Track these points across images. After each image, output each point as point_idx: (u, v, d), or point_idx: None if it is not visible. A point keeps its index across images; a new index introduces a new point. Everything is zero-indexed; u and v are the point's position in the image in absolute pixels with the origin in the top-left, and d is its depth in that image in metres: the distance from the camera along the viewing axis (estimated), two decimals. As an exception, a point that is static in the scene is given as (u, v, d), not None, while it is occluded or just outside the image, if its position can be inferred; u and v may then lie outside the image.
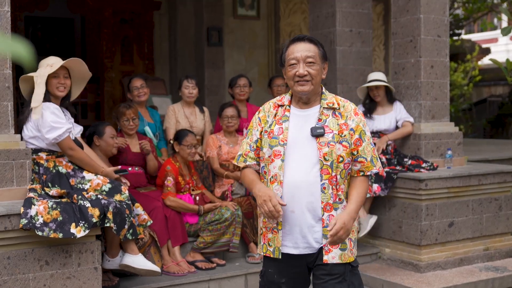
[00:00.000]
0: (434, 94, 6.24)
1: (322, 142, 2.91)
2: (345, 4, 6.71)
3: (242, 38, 10.05)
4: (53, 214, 4.03)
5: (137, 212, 4.68)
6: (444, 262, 5.83)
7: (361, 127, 2.99)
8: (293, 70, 2.96)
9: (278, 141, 2.97)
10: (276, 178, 2.97)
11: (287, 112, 3.04)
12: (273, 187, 2.97)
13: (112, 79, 9.47)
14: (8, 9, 4.26)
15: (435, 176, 5.76)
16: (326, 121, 2.96)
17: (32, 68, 4.41)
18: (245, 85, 6.42)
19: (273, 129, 3.01)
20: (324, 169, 2.91)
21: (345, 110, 3.00)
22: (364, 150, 2.98)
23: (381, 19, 11.37)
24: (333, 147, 2.91)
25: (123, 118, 5.39)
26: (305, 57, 2.94)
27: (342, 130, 2.94)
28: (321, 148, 2.91)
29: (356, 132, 2.97)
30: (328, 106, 2.99)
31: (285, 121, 3.01)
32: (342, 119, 2.97)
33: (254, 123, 3.12)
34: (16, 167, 4.21)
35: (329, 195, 2.93)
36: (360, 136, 2.98)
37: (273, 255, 3.05)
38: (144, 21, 9.59)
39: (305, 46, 2.97)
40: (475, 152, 7.89)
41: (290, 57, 2.98)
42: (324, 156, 2.90)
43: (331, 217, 2.93)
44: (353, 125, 2.97)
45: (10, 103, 4.26)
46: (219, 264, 5.41)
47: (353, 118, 2.98)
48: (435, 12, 6.18)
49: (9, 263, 3.99)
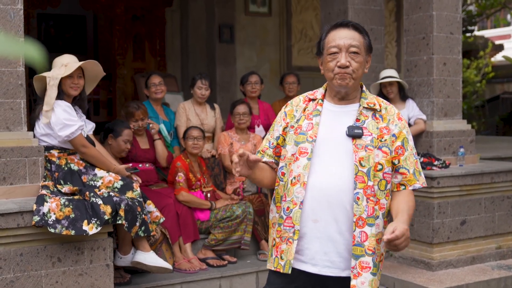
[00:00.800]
0: (446, 92, 6.20)
1: (359, 144, 2.50)
2: (357, 1, 6.68)
3: (254, 35, 10.03)
4: (66, 211, 4.05)
5: (149, 209, 4.70)
6: (456, 260, 5.81)
7: (405, 134, 2.59)
8: (334, 60, 2.54)
9: (306, 137, 2.56)
10: (299, 179, 2.53)
11: (319, 106, 2.63)
12: (294, 190, 2.53)
13: (124, 76, 9.50)
14: (21, 7, 4.28)
15: (447, 174, 5.74)
16: (365, 122, 2.56)
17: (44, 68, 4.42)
18: (256, 82, 6.42)
19: (301, 125, 2.60)
20: (359, 175, 2.48)
21: (388, 113, 2.61)
22: (406, 161, 2.57)
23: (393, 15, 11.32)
24: (371, 152, 2.49)
25: (132, 119, 5.40)
26: (349, 45, 2.52)
27: (383, 135, 2.54)
28: (357, 151, 2.49)
29: (399, 139, 2.57)
30: (369, 106, 2.60)
31: (316, 116, 2.60)
32: (383, 122, 2.57)
33: (278, 117, 2.73)
34: (28, 164, 4.24)
35: (363, 208, 2.48)
36: (402, 144, 2.57)
37: (283, 269, 2.58)
38: (155, 17, 9.60)
39: (349, 33, 2.55)
40: (488, 150, 7.84)
41: (331, 45, 2.55)
42: (360, 160, 2.48)
43: (363, 234, 2.48)
44: (395, 130, 2.57)
45: (23, 100, 4.28)
46: (231, 261, 5.42)
47: (396, 123, 2.59)
48: (447, 9, 6.15)
49: (21, 260, 4.01)
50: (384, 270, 5.65)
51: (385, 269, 5.69)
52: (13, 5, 4.23)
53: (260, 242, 5.64)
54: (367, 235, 2.48)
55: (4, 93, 4.20)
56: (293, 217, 2.53)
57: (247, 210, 5.43)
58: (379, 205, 2.51)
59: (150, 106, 5.90)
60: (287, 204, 2.56)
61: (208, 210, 5.41)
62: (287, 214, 2.56)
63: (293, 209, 2.53)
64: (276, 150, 2.69)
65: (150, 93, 5.94)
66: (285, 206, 2.57)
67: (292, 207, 2.53)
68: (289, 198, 2.56)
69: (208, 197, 5.51)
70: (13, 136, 4.21)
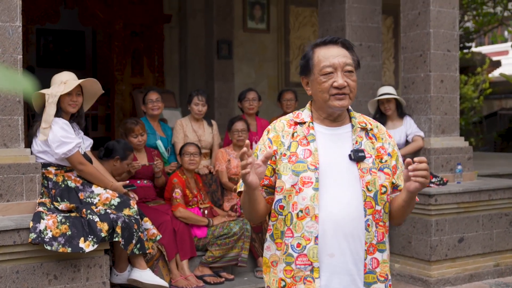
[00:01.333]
0: (444, 109, 6.22)
1: (364, 168, 2.37)
2: (354, 18, 6.72)
3: (252, 51, 10.08)
4: (62, 228, 4.04)
5: (146, 226, 4.69)
6: (454, 278, 5.79)
7: (396, 152, 2.51)
8: (329, 80, 2.37)
9: (306, 165, 2.35)
10: (309, 212, 2.33)
11: (312, 130, 2.43)
12: (303, 225, 2.34)
13: (123, 91, 9.52)
14: (20, 24, 4.30)
15: (445, 191, 5.73)
16: (361, 143, 2.43)
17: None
18: (254, 99, 6.43)
19: (296, 152, 2.39)
20: (367, 201, 2.36)
21: (380, 131, 2.50)
22: (399, 178, 2.48)
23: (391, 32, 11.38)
24: (375, 174, 2.38)
25: (131, 134, 5.41)
26: (344, 64, 2.37)
27: (381, 155, 2.44)
28: (363, 175, 2.37)
29: (393, 157, 2.48)
30: (361, 126, 2.47)
31: (312, 141, 2.41)
32: (378, 142, 2.46)
33: (261, 145, 2.48)
34: (25, 181, 4.23)
35: (373, 234, 2.37)
36: (396, 163, 2.48)
37: None
38: (154, 34, 9.64)
39: (340, 51, 2.40)
40: (486, 166, 7.84)
41: (325, 64, 2.38)
42: (367, 185, 2.36)
43: (374, 261, 2.37)
44: (389, 149, 2.48)
45: (21, 117, 4.28)
46: (228, 278, 5.39)
47: (389, 141, 2.50)
48: (444, 27, 6.18)
49: (17, 277, 4.00)
50: (382, 288, 5.62)
51: (383, 287, 5.66)
52: (11, 22, 4.25)
53: (258, 259, 5.62)
54: (378, 261, 2.38)
55: (2, 110, 4.21)
56: (308, 254, 2.33)
57: (245, 227, 5.42)
58: (385, 228, 2.43)
59: (147, 122, 5.91)
60: (296, 241, 2.35)
61: (205, 227, 5.40)
62: (299, 252, 2.34)
63: (307, 246, 2.33)
64: (264, 182, 2.43)
65: (147, 109, 5.95)
66: (294, 243, 2.35)
67: (305, 244, 2.33)
68: (298, 234, 2.35)
69: (205, 214, 5.49)
70: (10, 153, 4.21)
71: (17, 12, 4.27)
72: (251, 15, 10.04)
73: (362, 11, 6.77)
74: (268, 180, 2.43)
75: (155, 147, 5.81)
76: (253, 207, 2.39)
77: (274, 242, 2.43)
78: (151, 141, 5.80)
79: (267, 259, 2.47)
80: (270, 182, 2.44)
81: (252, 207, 2.39)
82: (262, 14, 10.12)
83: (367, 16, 6.80)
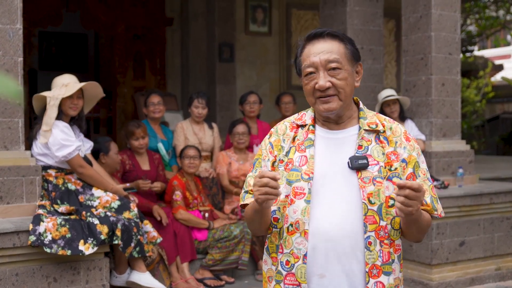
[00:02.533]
0: (445, 112, 6.21)
1: (365, 178, 2.05)
2: (356, 21, 6.72)
3: (254, 54, 10.07)
4: (62, 231, 4.04)
5: (146, 229, 4.69)
6: (455, 281, 5.77)
7: (415, 157, 2.12)
8: (312, 81, 2.10)
9: (300, 174, 2.09)
10: (299, 227, 2.07)
11: (311, 135, 2.16)
12: (293, 241, 2.08)
13: (125, 94, 9.52)
14: (20, 27, 4.31)
15: (446, 195, 5.72)
16: (368, 148, 2.10)
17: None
18: (255, 102, 6.43)
19: (292, 158, 2.13)
20: (369, 216, 2.04)
21: (394, 133, 2.14)
22: None
23: (393, 35, 11.37)
24: (380, 185, 2.05)
25: (132, 137, 5.41)
26: (326, 61, 2.08)
27: (391, 162, 2.09)
28: (364, 186, 2.05)
29: (410, 164, 2.11)
30: (370, 128, 2.14)
31: (309, 147, 2.13)
32: (390, 146, 2.12)
33: (264, 150, 2.22)
34: (26, 183, 4.23)
35: (376, 254, 2.05)
36: (413, 170, 2.11)
37: None
38: (156, 36, 9.65)
39: (325, 46, 2.10)
40: (488, 170, 7.83)
41: (305, 64, 2.12)
42: (368, 197, 2.04)
43: (379, 285, 2.06)
44: (405, 154, 2.11)
45: (21, 119, 4.29)
46: (228, 281, 5.39)
47: (405, 145, 2.12)
48: (446, 30, 6.17)
49: (17, 280, 3.99)
50: (383, 291, 5.60)
51: (383, 290, 5.64)
52: (12, 25, 4.26)
53: (258, 263, 5.61)
54: (384, 286, 2.06)
55: (2, 112, 4.21)
56: (296, 273, 2.07)
57: (245, 230, 5.41)
58: (394, 247, 2.10)
59: (148, 125, 5.91)
60: (285, 258, 2.10)
61: (206, 230, 5.40)
62: (287, 270, 2.10)
63: (295, 264, 2.07)
64: None
65: (149, 112, 5.95)
66: (284, 260, 2.11)
67: (294, 262, 2.08)
68: (287, 250, 2.10)
69: (206, 217, 5.49)
70: (10, 155, 4.22)
71: (18, 15, 4.28)
72: (253, 18, 10.04)
73: (363, 14, 6.77)
74: None
75: (156, 149, 5.81)
76: (261, 223, 2.15)
77: (270, 256, 2.19)
78: (152, 144, 5.81)
79: (265, 274, 2.23)
80: None
81: (261, 222, 2.14)
82: (264, 17, 10.12)
83: (368, 19, 6.80)
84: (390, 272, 2.07)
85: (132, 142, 5.41)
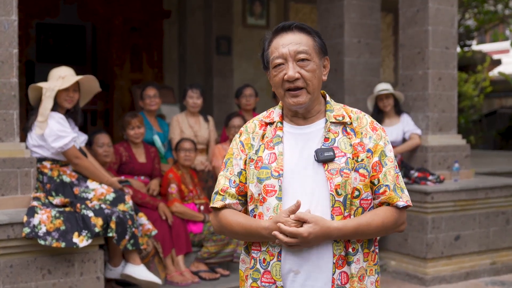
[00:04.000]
0: (441, 106, 6.21)
1: (332, 169, 2.07)
2: (353, 15, 6.71)
3: (251, 47, 10.05)
4: (56, 223, 4.04)
5: (141, 221, 4.69)
6: (450, 275, 5.78)
7: (381, 146, 2.15)
8: (280, 73, 2.12)
9: (270, 171, 2.11)
10: None
11: (279, 131, 2.18)
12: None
13: (122, 86, 9.51)
14: (16, 18, 4.29)
15: (442, 189, 5.73)
16: (335, 140, 2.13)
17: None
18: (251, 95, 6.41)
19: (262, 156, 2.15)
20: (336, 207, 2.06)
21: (360, 124, 2.17)
22: (386, 176, 2.13)
23: (391, 29, 11.35)
24: (347, 176, 2.07)
25: (128, 127, 5.42)
26: (295, 52, 2.10)
27: (358, 153, 2.11)
28: (331, 178, 2.07)
29: (375, 153, 2.14)
30: (337, 120, 2.16)
31: (277, 144, 2.16)
32: (356, 138, 2.14)
33: (235, 149, 2.24)
34: (20, 175, 4.23)
35: (342, 245, 2.08)
36: (379, 159, 2.14)
37: None
38: (153, 29, 9.63)
39: (294, 38, 2.12)
40: (484, 165, 7.83)
41: (274, 55, 2.13)
42: (336, 189, 2.06)
43: (343, 276, 2.08)
44: (370, 144, 2.14)
45: (16, 111, 4.28)
46: (223, 274, 5.39)
47: (371, 135, 2.15)
48: (443, 24, 6.17)
49: (11, 272, 4.00)
50: (378, 285, 5.61)
51: (378, 284, 5.65)
52: (7, 16, 4.25)
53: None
54: (347, 275, 2.09)
55: (-3, 104, 4.21)
56: (272, 271, 2.09)
57: (241, 223, 5.41)
58: None
59: (144, 117, 5.90)
60: (262, 255, 2.12)
61: (201, 223, 5.40)
62: (264, 268, 2.11)
63: (271, 262, 2.10)
64: (240, 189, 2.20)
65: (145, 104, 5.94)
66: (261, 258, 2.13)
67: (269, 259, 2.10)
68: (264, 248, 2.12)
69: (201, 210, 5.49)
70: (5, 147, 4.21)
71: (13, 6, 4.27)
72: (251, 11, 10.02)
73: (360, 8, 6.75)
74: (243, 187, 2.20)
75: (152, 142, 5.81)
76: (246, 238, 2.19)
77: (249, 255, 2.21)
78: (148, 136, 5.80)
79: (242, 273, 2.24)
80: (245, 189, 2.21)
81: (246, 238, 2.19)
82: (261, 10, 10.10)
83: (366, 13, 6.79)
84: (351, 261, 2.09)
85: (128, 131, 5.41)
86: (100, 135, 5.14)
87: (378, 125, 2.22)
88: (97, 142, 5.09)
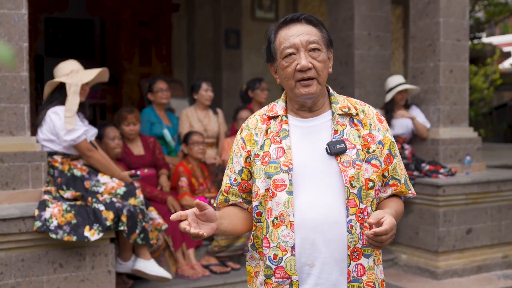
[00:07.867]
0: (453, 99, 6.16)
1: (345, 162, 2.06)
2: (363, 8, 6.66)
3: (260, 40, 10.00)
4: (67, 217, 4.04)
5: (152, 216, 4.68)
6: (462, 269, 5.75)
7: (390, 138, 2.18)
8: (292, 63, 2.08)
9: (279, 166, 2.08)
10: (284, 220, 2.06)
11: (285, 125, 2.15)
12: (279, 234, 2.06)
13: (131, 80, 9.51)
14: (26, 12, 4.28)
15: (453, 182, 5.69)
16: (344, 132, 2.11)
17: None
18: (267, 88, 6.44)
19: (269, 151, 2.12)
20: (351, 199, 2.05)
21: (366, 116, 2.16)
22: (396, 169, 2.17)
23: (401, 22, 11.29)
24: (359, 168, 2.07)
25: (124, 122, 5.34)
26: (307, 42, 2.07)
27: (368, 144, 2.11)
28: (345, 170, 2.05)
29: (386, 145, 2.15)
30: (343, 112, 2.15)
31: (284, 138, 2.13)
32: (365, 129, 2.14)
33: (235, 146, 2.22)
34: (31, 169, 4.23)
35: (357, 237, 2.06)
36: (390, 151, 2.16)
37: None
38: (162, 23, 9.61)
39: (303, 28, 2.10)
40: (495, 158, 7.79)
41: (285, 45, 2.09)
42: (350, 181, 2.05)
43: (359, 268, 2.08)
44: (380, 136, 2.15)
45: (27, 105, 4.28)
46: (234, 268, 5.38)
47: (379, 127, 2.16)
48: (454, 16, 6.11)
49: (23, 265, 4.00)
50: (389, 278, 5.60)
51: (390, 277, 5.64)
52: (17, 10, 4.24)
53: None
54: (365, 268, 2.09)
55: (8, 98, 4.21)
56: (285, 266, 2.06)
57: (251, 216, 5.40)
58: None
59: (153, 111, 5.89)
60: (273, 252, 2.08)
61: (212, 217, 5.39)
62: (276, 264, 2.08)
63: (284, 257, 2.06)
64: (243, 187, 2.19)
65: (156, 97, 5.91)
66: (271, 254, 2.09)
67: (282, 255, 2.07)
68: (274, 244, 2.08)
69: (212, 203, 5.48)
70: (16, 141, 4.21)
71: (23, 0, 4.26)
72: (260, 4, 9.98)
73: (370, 0, 6.71)
74: (246, 184, 2.19)
75: (162, 136, 5.79)
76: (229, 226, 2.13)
77: (256, 251, 2.18)
78: (157, 130, 5.79)
79: (251, 269, 2.22)
80: (249, 187, 2.19)
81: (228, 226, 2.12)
82: (270, 3, 10.06)
83: (375, 5, 6.74)
84: (370, 255, 2.09)
85: (123, 127, 5.31)
86: (110, 128, 5.10)
87: (382, 116, 2.24)
88: (108, 135, 5.04)
